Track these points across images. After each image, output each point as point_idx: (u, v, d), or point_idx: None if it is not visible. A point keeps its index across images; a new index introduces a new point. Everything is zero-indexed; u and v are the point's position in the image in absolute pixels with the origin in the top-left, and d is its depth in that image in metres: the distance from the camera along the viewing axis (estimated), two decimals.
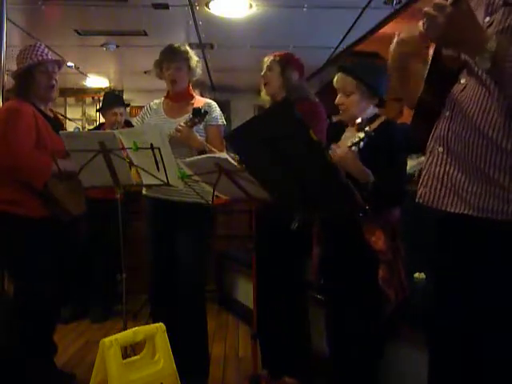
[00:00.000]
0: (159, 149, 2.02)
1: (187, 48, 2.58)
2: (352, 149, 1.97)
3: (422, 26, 1.12)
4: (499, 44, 1.04)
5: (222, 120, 2.57)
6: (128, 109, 5.13)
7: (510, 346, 1.14)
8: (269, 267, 2.37)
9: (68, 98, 6.54)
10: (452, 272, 1.22)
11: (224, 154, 2.03)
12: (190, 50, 2.58)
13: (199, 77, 2.69)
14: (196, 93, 2.72)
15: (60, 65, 2.56)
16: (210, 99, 2.69)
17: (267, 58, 2.54)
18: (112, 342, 1.76)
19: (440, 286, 1.29)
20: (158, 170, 2.08)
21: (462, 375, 1.20)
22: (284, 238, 2.31)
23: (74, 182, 2.29)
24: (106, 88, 6.26)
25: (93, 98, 6.56)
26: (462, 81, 1.21)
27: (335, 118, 2.53)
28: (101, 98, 4.96)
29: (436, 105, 1.25)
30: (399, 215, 2.08)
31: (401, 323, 2.16)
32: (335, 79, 2.15)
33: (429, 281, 2.52)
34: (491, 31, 1.11)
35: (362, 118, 2.03)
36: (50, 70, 2.46)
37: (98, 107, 5.89)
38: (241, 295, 3.97)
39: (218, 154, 2.23)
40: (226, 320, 3.86)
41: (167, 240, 2.51)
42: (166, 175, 2.08)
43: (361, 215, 1.88)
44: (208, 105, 2.55)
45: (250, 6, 3.54)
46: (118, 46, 4.52)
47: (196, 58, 2.60)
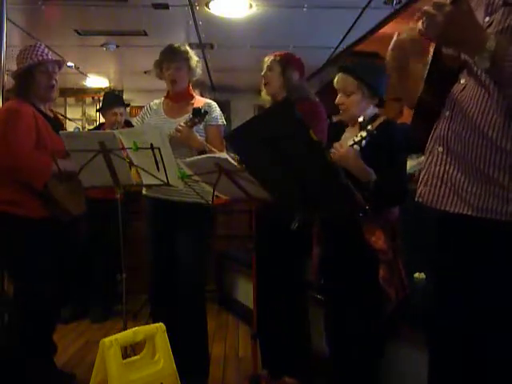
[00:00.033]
0: (159, 149, 2.02)
1: (187, 48, 2.58)
2: (354, 147, 1.98)
3: (421, 24, 1.12)
4: (498, 43, 1.04)
5: (222, 120, 2.57)
6: (128, 109, 5.13)
7: (510, 346, 1.14)
8: (269, 267, 2.37)
9: (68, 98, 6.53)
10: (452, 272, 1.22)
11: (224, 154, 2.03)
12: (189, 50, 2.58)
13: (199, 77, 2.69)
14: (196, 93, 2.72)
15: (60, 65, 2.56)
16: (210, 99, 2.69)
17: (267, 58, 2.54)
18: (112, 342, 1.76)
19: (440, 286, 1.29)
20: (158, 170, 2.08)
21: (462, 375, 1.20)
22: (284, 238, 2.31)
23: (74, 182, 2.29)
24: (106, 88, 6.26)
25: (93, 97, 6.56)
26: (462, 81, 1.21)
27: (335, 118, 2.53)
28: (101, 98, 4.96)
29: (436, 105, 1.25)
30: (398, 215, 2.09)
31: (401, 323, 2.16)
32: (336, 79, 2.15)
33: (429, 281, 2.52)
34: (491, 31, 1.11)
35: (363, 117, 2.04)
36: (50, 70, 2.46)
37: (97, 107, 5.88)
38: (241, 295, 3.97)
39: (217, 154, 2.23)
40: (226, 320, 3.86)
41: (167, 240, 2.51)
42: (166, 175, 2.08)
43: (361, 215, 1.88)
44: (208, 105, 2.55)
45: (250, 5, 3.54)
46: (118, 46, 4.52)
47: (196, 58, 2.60)
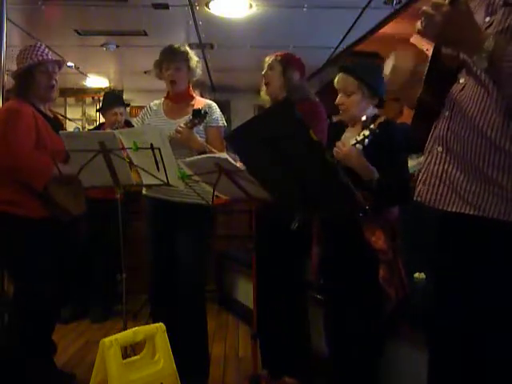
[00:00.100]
0: (159, 149, 2.02)
1: (187, 48, 2.58)
2: (356, 146, 1.98)
3: (420, 24, 1.12)
4: (496, 43, 1.04)
5: (222, 121, 2.57)
6: (128, 109, 5.13)
7: (510, 347, 1.14)
8: (269, 267, 2.37)
9: (68, 98, 6.52)
10: (452, 272, 1.22)
11: (224, 154, 2.03)
12: (189, 51, 2.58)
13: (199, 77, 2.69)
14: (196, 93, 2.72)
15: (60, 65, 2.56)
16: (210, 100, 2.69)
17: (268, 58, 2.54)
18: (112, 342, 1.76)
19: (440, 285, 1.29)
20: (158, 170, 2.08)
21: (461, 375, 1.20)
22: (284, 238, 2.31)
23: (74, 186, 2.29)
24: (106, 88, 6.25)
25: (93, 98, 6.55)
26: (461, 80, 1.21)
27: (335, 118, 2.53)
28: (101, 98, 4.96)
29: (435, 105, 1.26)
30: (398, 215, 2.09)
31: (401, 323, 2.16)
32: (336, 79, 2.15)
33: (429, 281, 2.52)
34: (491, 31, 1.12)
35: (366, 116, 2.04)
36: (50, 70, 2.46)
37: (98, 107, 5.88)
38: (241, 295, 3.97)
39: (217, 153, 2.23)
40: (226, 320, 3.86)
41: (167, 240, 2.51)
42: (166, 175, 2.08)
43: (361, 215, 1.89)
44: (208, 106, 2.54)
45: (250, 5, 3.53)
46: (118, 46, 4.51)
47: (196, 59, 2.59)
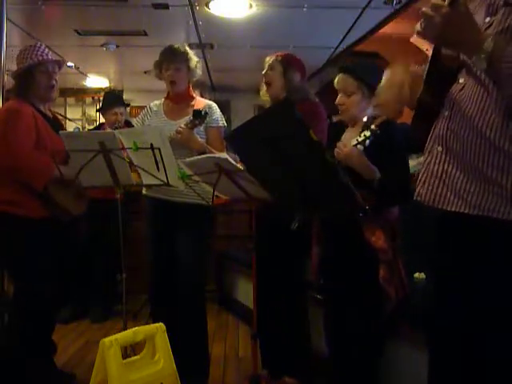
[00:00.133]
0: (159, 149, 2.02)
1: (187, 49, 2.57)
2: (358, 147, 1.98)
3: (419, 25, 1.12)
4: (496, 44, 1.04)
5: (222, 122, 2.57)
6: (128, 109, 5.13)
7: (510, 347, 1.14)
8: (269, 267, 2.37)
9: (68, 98, 6.53)
10: (452, 272, 1.22)
11: (224, 154, 2.03)
12: (189, 51, 2.57)
13: (199, 77, 2.69)
14: (196, 93, 2.72)
15: (60, 65, 2.56)
16: (210, 100, 2.69)
17: (269, 58, 2.54)
18: (112, 342, 1.76)
19: (440, 285, 1.29)
20: (158, 170, 2.08)
21: (461, 375, 1.20)
22: (284, 238, 2.31)
23: (74, 188, 2.29)
24: (106, 88, 6.26)
25: (93, 98, 6.56)
26: (461, 80, 1.21)
27: (335, 118, 2.53)
28: (101, 98, 4.96)
29: (435, 105, 1.26)
30: (398, 215, 2.09)
31: (401, 322, 2.16)
32: (336, 80, 2.15)
33: (429, 281, 2.52)
34: (491, 31, 1.12)
35: (367, 117, 2.04)
36: (50, 70, 2.46)
37: (97, 107, 5.88)
38: (241, 295, 3.97)
39: (217, 154, 2.23)
40: (226, 320, 3.86)
41: (167, 240, 2.51)
42: (166, 175, 2.08)
43: (361, 215, 1.89)
44: (208, 106, 2.54)
45: (250, 5, 3.54)
46: (118, 46, 4.52)
47: (196, 59, 2.59)
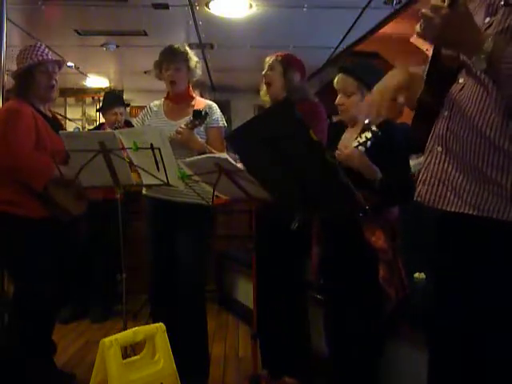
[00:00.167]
0: (159, 149, 2.02)
1: (187, 49, 2.57)
2: (359, 148, 1.98)
3: (419, 27, 1.12)
4: (495, 45, 1.04)
5: (222, 122, 2.57)
6: (128, 109, 5.13)
7: (510, 347, 1.14)
8: (269, 267, 2.37)
9: (68, 98, 6.53)
10: (452, 272, 1.22)
11: (224, 154, 2.03)
12: (189, 51, 2.57)
13: (199, 77, 2.69)
14: (196, 93, 2.72)
15: (60, 65, 2.56)
16: (210, 100, 2.69)
17: (269, 58, 2.54)
18: (112, 342, 1.76)
19: (440, 285, 1.29)
20: (158, 170, 2.08)
21: (461, 375, 1.20)
22: (284, 238, 2.31)
23: (74, 187, 2.29)
24: (106, 88, 6.26)
25: (93, 98, 6.56)
26: (461, 80, 1.21)
27: (335, 118, 2.53)
28: (101, 98, 4.96)
29: (436, 105, 1.26)
30: (398, 215, 2.09)
31: (401, 322, 2.16)
32: (336, 80, 2.15)
33: (429, 281, 2.52)
34: (491, 32, 1.12)
35: (369, 119, 2.04)
36: (51, 70, 2.46)
37: (97, 107, 5.88)
38: (241, 295, 3.97)
39: (217, 154, 2.23)
40: (226, 320, 3.86)
41: (167, 240, 2.51)
42: (166, 175, 2.08)
43: (361, 215, 1.89)
44: (209, 106, 2.54)
45: (250, 5, 3.54)
46: (118, 46, 4.52)
47: (195, 59, 2.59)
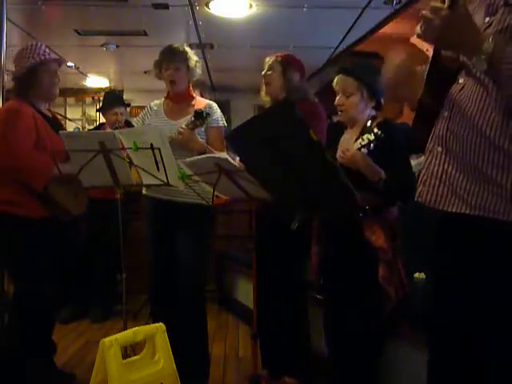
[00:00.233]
0: (159, 149, 2.02)
1: (186, 48, 2.57)
2: (362, 150, 1.99)
3: (419, 28, 1.12)
4: (496, 45, 1.04)
5: (222, 122, 2.57)
6: (128, 109, 5.13)
7: (508, 347, 1.15)
8: (269, 267, 2.37)
9: (68, 98, 6.54)
10: (451, 272, 1.22)
11: (224, 154, 2.03)
12: (189, 51, 2.57)
13: (199, 77, 2.69)
14: (196, 93, 2.72)
15: (60, 63, 2.58)
16: (210, 100, 2.69)
17: (269, 58, 2.54)
18: (112, 342, 1.76)
19: (439, 286, 1.29)
20: (158, 170, 2.08)
21: (460, 375, 1.20)
22: (284, 238, 2.31)
23: (74, 185, 2.29)
24: (106, 88, 6.26)
25: (93, 98, 6.56)
26: (461, 80, 1.22)
27: (335, 118, 2.53)
28: (101, 98, 4.96)
29: (436, 106, 1.26)
30: (398, 214, 2.09)
31: (401, 323, 2.16)
32: (335, 81, 2.15)
33: (429, 281, 2.52)
34: (490, 31, 1.12)
35: (371, 121, 2.06)
36: (53, 69, 2.47)
37: (97, 107, 5.89)
38: (241, 295, 3.97)
39: (217, 154, 2.23)
40: (226, 320, 3.86)
41: (167, 240, 2.51)
42: (166, 175, 2.08)
43: (361, 215, 1.89)
44: (209, 106, 2.54)
45: (250, 5, 3.54)
46: (118, 46, 4.52)
47: (195, 59, 2.59)
